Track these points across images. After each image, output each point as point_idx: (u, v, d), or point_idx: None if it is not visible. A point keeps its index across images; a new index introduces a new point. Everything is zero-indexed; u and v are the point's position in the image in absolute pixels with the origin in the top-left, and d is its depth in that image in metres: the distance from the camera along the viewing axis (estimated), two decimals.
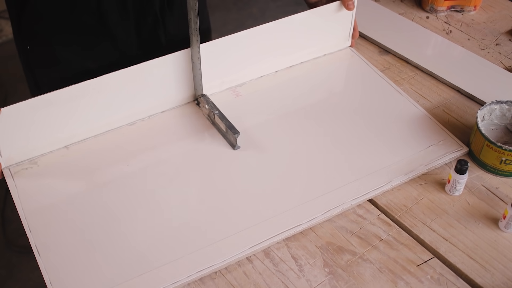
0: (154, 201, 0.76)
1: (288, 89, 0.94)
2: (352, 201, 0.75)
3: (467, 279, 0.68)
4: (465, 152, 0.82)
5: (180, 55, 0.85)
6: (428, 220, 0.74)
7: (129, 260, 0.69)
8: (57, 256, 0.70)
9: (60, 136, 0.82)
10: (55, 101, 0.78)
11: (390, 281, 0.68)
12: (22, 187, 0.78)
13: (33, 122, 0.78)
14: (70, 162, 0.81)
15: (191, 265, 0.68)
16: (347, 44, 1.01)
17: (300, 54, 0.98)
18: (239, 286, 0.67)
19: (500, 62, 1.00)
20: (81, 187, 0.78)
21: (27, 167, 0.81)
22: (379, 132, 0.86)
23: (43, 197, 0.77)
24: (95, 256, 0.70)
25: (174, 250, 0.70)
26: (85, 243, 0.71)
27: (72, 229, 0.73)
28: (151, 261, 0.69)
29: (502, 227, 0.73)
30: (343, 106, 0.90)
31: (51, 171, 0.80)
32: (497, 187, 0.78)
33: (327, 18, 0.95)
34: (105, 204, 0.76)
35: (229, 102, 0.90)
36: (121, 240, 0.71)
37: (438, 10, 1.11)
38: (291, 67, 0.98)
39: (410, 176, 0.79)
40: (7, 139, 0.78)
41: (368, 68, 0.97)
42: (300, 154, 0.82)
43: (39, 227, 0.73)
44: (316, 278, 0.68)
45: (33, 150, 0.81)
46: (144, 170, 0.80)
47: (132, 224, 0.73)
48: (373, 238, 0.72)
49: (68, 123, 0.82)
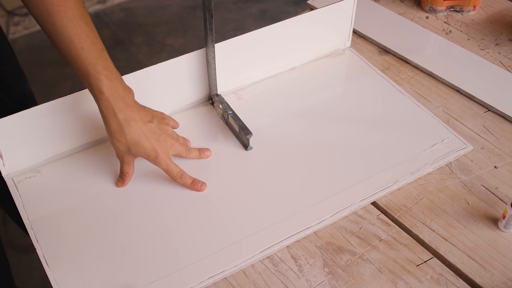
0: (162, 202, 0.76)
1: (290, 91, 0.94)
2: (360, 202, 0.75)
3: (466, 279, 0.68)
4: (469, 150, 0.82)
5: (194, 55, 0.85)
6: (428, 220, 0.74)
7: (138, 267, 0.68)
8: (66, 266, 0.68)
9: (64, 144, 0.81)
10: (61, 108, 0.78)
11: (390, 281, 0.68)
12: (26, 196, 0.77)
13: (37, 130, 0.78)
14: (74, 171, 0.80)
15: (201, 272, 0.68)
16: (347, 44, 1.01)
17: (300, 56, 0.98)
18: (238, 286, 0.67)
19: (499, 62, 1.00)
20: (88, 193, 0.77)
21: (30, 176, 0.80)
22: (383, 132, 0.86)
23: (49, 205, 0.76)
24: (104, 263, 0.69)
25: (190, 253, 0.70)
26: (95, 250, 0.70)
27: (81, 237, 0.72)
28: (158, 268, 0.68)
29: (502, 227, 0.73)
30: (345, 107, 0.90)
31: (54, 180, 0.79)
32: (496, 187, 0.79)
33: (326, 20, 0.96)
34: (116, 209, 0.75)
35: (232, 105, 0.90)
36: (130, 245, 0.71)
37: (438, 10, 1.11)
38: (292, 69, 0.98)
39: (416, 175, 0.79)
40: (10, 148, 0.77)
41: (369, 68, 0.97)
42: (306, 156, 0.82)
43: (46, 236, 0.72)
44: (316, 278, 0.68)
45: (36, 159, 0.80)
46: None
47: (141, 229, 0.72)
48: (372, 238, 0.72)
49: (73, 130, 0.81)
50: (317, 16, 0.94)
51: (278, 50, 0.94)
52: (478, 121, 0.89)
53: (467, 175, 0.80)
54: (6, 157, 0.78)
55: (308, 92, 0.93)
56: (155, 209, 0.75)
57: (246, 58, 0.91)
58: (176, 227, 0.73)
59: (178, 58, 0.84)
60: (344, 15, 0.96)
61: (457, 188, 0.78)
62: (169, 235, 0.72)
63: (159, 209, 0.75)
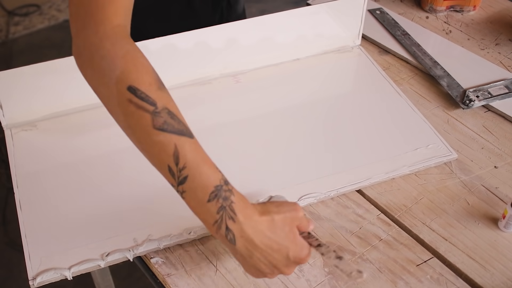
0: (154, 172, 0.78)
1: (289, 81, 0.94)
2: (327, 192, 0.76)
3: (466, 279, 0.68)
4: (453, 158, 0.82)
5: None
6: (428, 220, 0.74)
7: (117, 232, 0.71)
8: (38, 215, 0.72)
9: (61, 103, 0.85)
10: (62, 68, 0.80)
11: (390, 281, 0.68)
12: (18, 146, 0.81)
13: (36, 86, 0.81)
14: (68, 129, 0.84)
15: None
16: (357, 42, 1.01)
17: (306, 47, 0.98)
18: (239, 286, 0.67)
19: (499, 62, 1.00)
20: (75, 154, 0.80)
21: (26, 129, 0.83)
22: (371, 129, 0.86)
23: (36, 159, 0.79)
24: (75, 217, 0.72)
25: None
26: (72, 205, 0.73)
27: (61, 193, 0.75)
28: (127, 223, 0.71)
29: (502, 227, 0.73)
30: (339, 101, 0.91)
31: (48, 136, 0.83)
32: (496, 187, 0.79)
33: (337, 14, 0.96)
34: (101, 174, 0.78)
35: (228, 88, 0.91)
36: (112, 212, 0.73)
37: (438, 10, 1.11)
38: (296, 60, 0.98)
39: (391, 175, 0.79)
40: (10, 100, 0.81)
41: (373, 67, 0.97)
42: (287, 142, 0.83)
43: (27, 186, 0.75)
44: (316, 278, 0.68)
45: (35, 114, 0.84)
46: None
47: (129, 193, 0.75)
48: (372, 238, 0.72)
49: (72, 91, 0.84)
50: (328, 9, 0.94)
51: (283, 38, 0.95)
52: (478, 121, 0.89)
53: (467, 175, 0.80)
54: (6, 108, 0.81)
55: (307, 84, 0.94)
56: (148, 175, 0.76)
57: (250, 42, 0.92)
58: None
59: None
60: (355, 11, 0.97)
61: (457, 188, 0.78)
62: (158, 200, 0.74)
63: (152, 176, 0.76)
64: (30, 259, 0.67)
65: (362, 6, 0.96)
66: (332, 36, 0.99)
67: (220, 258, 0.70)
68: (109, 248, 0.69)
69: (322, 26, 0.96)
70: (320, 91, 0.93)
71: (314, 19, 0.95)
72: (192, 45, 0.88)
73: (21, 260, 0.68)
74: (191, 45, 0.88)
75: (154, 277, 0.69)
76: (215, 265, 0.69)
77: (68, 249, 0.68)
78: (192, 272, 0.68)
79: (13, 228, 1.62)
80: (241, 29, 0.90)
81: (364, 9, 0.97)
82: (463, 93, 0.92)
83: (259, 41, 0.93)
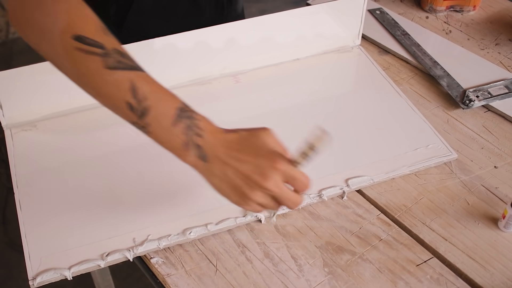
0: (155, 169, 0.78)
1: (290, 81, 0.94)
2: (328, 192, 0.76)
3: (466, 279, 0.68)
4: (453, 158, 0.82)
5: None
6: (428, 220, 0.74)
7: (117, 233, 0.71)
8: (38, 215, 0.72)
9: (61, 103, 0.85)
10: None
11: (390, 281, 0.68)
12: (18, 146, 0.81)
13: (36, 86, 0.81)
14: (68, 130, 0.84)
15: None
16: (357, 42, 1.01)
17: (306, 47, 0.98)
18: (238, 286, 0.67)
19: (499, 62, 1.00)
20: (75, 154, 0.81)
21: (26, 129, 0.84)
22: (371, 129, 0.86)
23: (36, 159, 0.80)
24: (75, 217, 0.72)
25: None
26: (72, 205, 0.73)
27: (61, 193, 0.75)
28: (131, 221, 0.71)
29: (502, 227, 0.73)
30: (340, 101, 0.91)
31: (48, 136, 0.83)
32: (496, 187, 0.79)
33: (337, 14, 0.96)
34: (100, 173, 0.78)
35: (228, 88, 0.91)
36: (111, 214, 0.73)
37: (437, 10, 1.11)
38: (296, 60, 0.98)
39: (391, 175, 0.79)
40: (10, 100, 0.81)
41: (373, 67, 0.97)
42: (288, 144, 0.83)
43: (27, 186, 0.76)
44: (316, 278, 0.68)
45: (35, 114, 0.84)
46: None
47: (129, 191, 0.75)
48: (372, 238, 0.72)
49: (71, 91, 0.83)
50: (329, 9, 0.94)
51: (283, 38, 0.95)
52: (478, 121, 0.89)
53: (467, 175, 0.80)
54: (5, 108, 0.82)
55: (306, 84, 0.94)
56: (148, 175, 0.77)
57: (250, 42, 0.92)
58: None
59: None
60: (355, 11, 0.97)
61: (457, 188, 0.78)
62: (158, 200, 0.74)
63: (152, 176, 0.77)
64: (30, 259, 0.67)
65: (362, 6, 0.96)
66: (332, 36, 0.99)
67: (220, 258, 0.70)
68: (109, 248, 0.69)
69: (322, 26, 0.96)
70: (320, 91, 0.93)
71: (314, 19, 0.95)
72: (192, 45, 0.88)
73: (21, 260, 0.68)
74: (191, 45, 0.88)
75: (154, 277, 0.69)
76: (215, 265, 0.69)
77: (68, 249, 0.68)
78: (192, 272, 0.68)
79: (13, 228, 1.62)
80: (241, 29, 0.90)
81: (364, 9, 0.97)
82: (463, 93, 0.92)
83: (259, 41, 0.93)
